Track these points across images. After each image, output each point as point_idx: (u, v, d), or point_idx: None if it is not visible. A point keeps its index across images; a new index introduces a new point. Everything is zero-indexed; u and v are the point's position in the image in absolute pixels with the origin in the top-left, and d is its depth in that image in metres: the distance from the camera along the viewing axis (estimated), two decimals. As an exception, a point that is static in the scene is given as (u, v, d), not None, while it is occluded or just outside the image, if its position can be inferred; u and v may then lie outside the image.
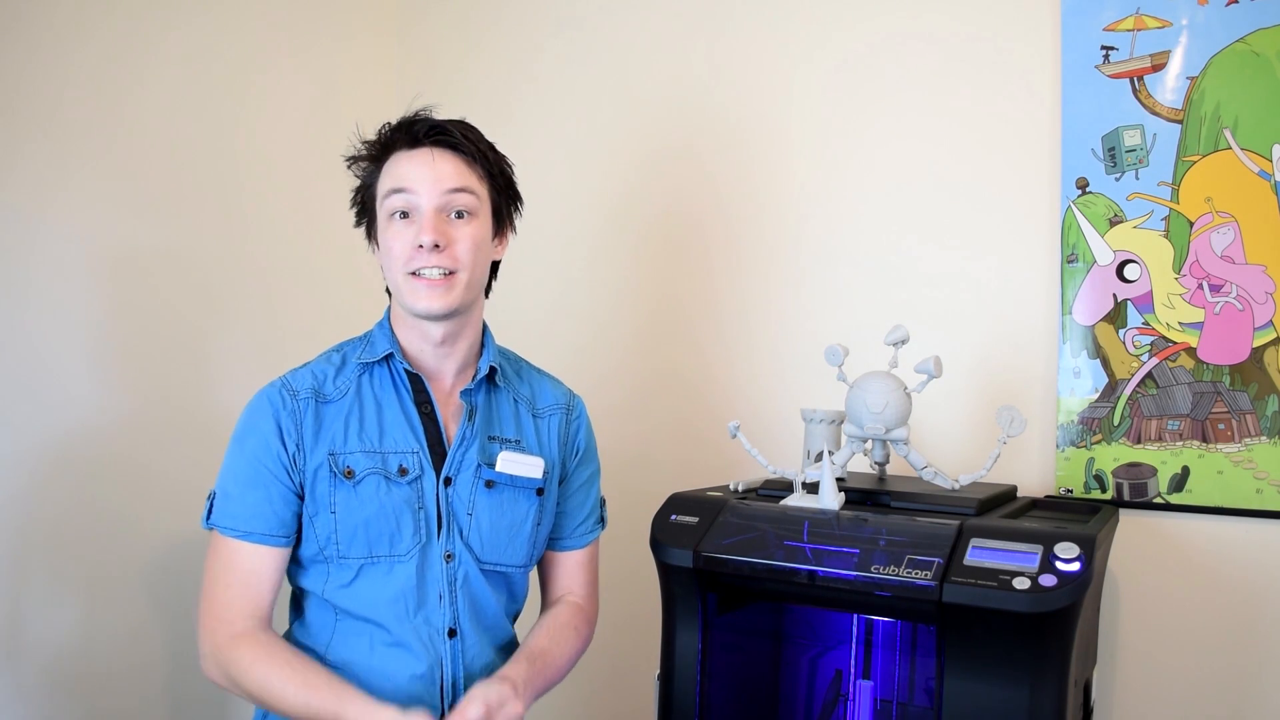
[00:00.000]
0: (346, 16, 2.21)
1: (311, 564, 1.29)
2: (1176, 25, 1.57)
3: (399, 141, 1.31)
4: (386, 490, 1.27)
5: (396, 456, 1.29)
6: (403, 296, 1.29)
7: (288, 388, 1.29)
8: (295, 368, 1.33)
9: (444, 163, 1.29)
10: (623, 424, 2.04)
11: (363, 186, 1.36)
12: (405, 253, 1.27)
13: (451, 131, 1.30)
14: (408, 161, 1.29)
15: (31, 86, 1.63)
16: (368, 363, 1.33)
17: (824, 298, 1.87)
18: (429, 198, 1.27)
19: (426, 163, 1.28)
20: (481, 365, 1.36)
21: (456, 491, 1.31)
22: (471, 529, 1.31)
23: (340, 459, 1.27)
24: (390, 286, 1.32)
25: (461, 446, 1.32)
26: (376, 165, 1.33)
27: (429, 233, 1.25)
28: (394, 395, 1.32)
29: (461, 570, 1.30)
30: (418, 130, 1.30)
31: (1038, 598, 1.14)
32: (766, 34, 1.93)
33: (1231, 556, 1.55)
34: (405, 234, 1.27)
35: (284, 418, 1.27)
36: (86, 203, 1.70)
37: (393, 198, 1.28)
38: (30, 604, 1.61)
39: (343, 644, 1.28)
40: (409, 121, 1.31)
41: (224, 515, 1.26)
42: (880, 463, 1.52)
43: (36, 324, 1.63)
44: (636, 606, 1.91)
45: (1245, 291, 1.54)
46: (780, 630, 1.58)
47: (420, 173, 1.27)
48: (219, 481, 1.29)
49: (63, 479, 1.66)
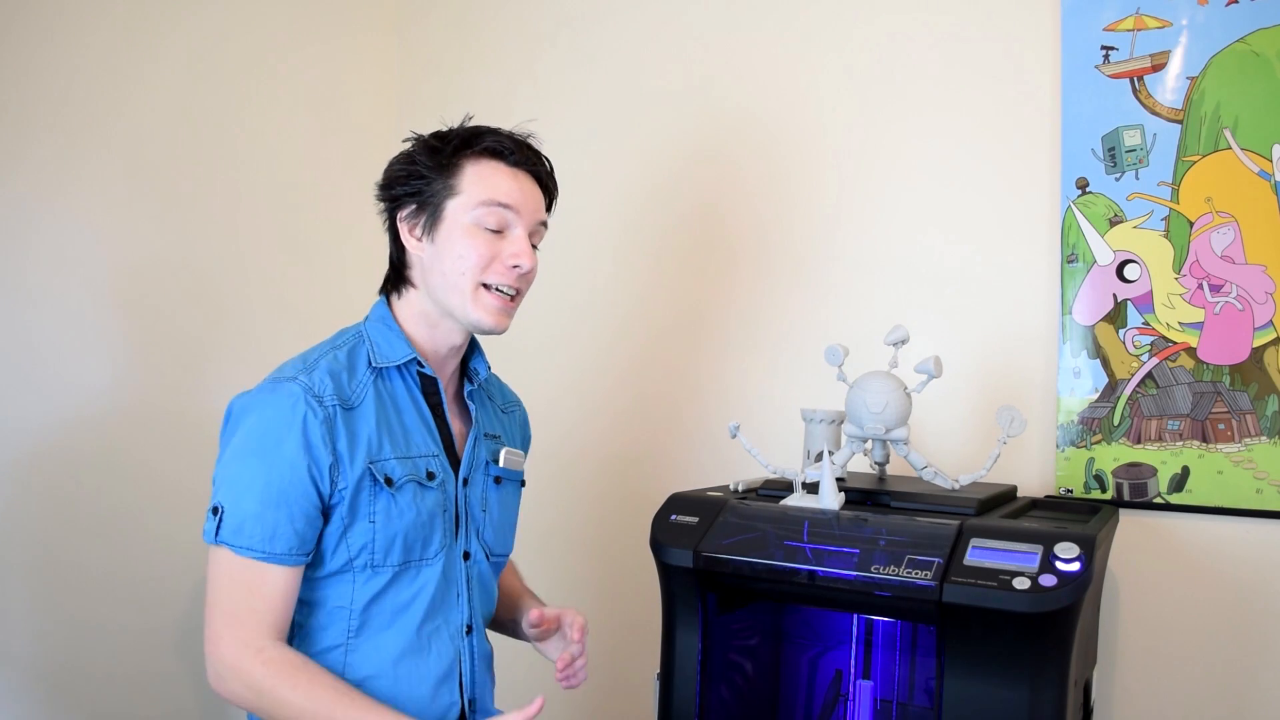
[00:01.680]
0: (347, 17, 2.21)
1: (336, 575, 1.23)
2: (1176, 25, 1.57)
3: (496, 152, 1.29)
4: (421, 496, 1.26)
5: (424, 461, 1.28)
6: (464, 304, 1.27)
7: (312, 394, 1.20)
8: (300, 365, 1.25)
9: (537, 193, 1.32)
10: (623, 424, 2.04)
11: (422, 176, 1.28)
12: (488, 263, 1.27)
13: (546, 165, 1.34)
14: (511, 179, 1.29)
15: (34, 87, 1.63)
16: (380, 367, 1.28)
17: (824, 298, 1.87)
18: (527, 222, 1.30)
19: (531, 187, 1.31)
20: (479, 368, 1.39)
21: (473, 490, 1.34)
22: (486, 524, 1.36)
23: (380, 466, 1.23)
24: (441, 286, 1.27)
25: (474, 446, 1.35)
26: (451, 160, 1.28)
27: (528, 258, 1.28)
28: (409, 398, 1.30)
29: (476, 567, 1.33)
30: (530, 157, 1.31)
31: (1038, 598, 1.14)
32: (766, 36, 1.93)
33: (1231, 556, 1.55)
34: (493, 244, 1.27)
35: (315, 430, 1.18)
36: (89, 201, 1.70)
37: (493, 209, 1.26)
38: (23, 604, 1.61)
39: (362, 657, 1.24)
40: (519, 141, 1.31)
41: (239, 534, 1.17)
42: (880, 463, 1.52)
43: (37, 320, 1.63)
44: (636, 606, 1.91)
45: (1245, 291, 1.54)
46: (780, 630, 1.58)
47: (525, 196, 1.29)
48: (228, 493, 1.18)
49: (61, 475, 1.66)
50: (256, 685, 1.15)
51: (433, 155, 1.29)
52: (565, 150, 2.15)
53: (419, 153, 1.30)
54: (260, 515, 1.17)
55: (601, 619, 1.48)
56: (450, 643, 1.29)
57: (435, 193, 1.28)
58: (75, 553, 1.67)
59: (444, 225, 1.27)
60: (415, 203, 1.29)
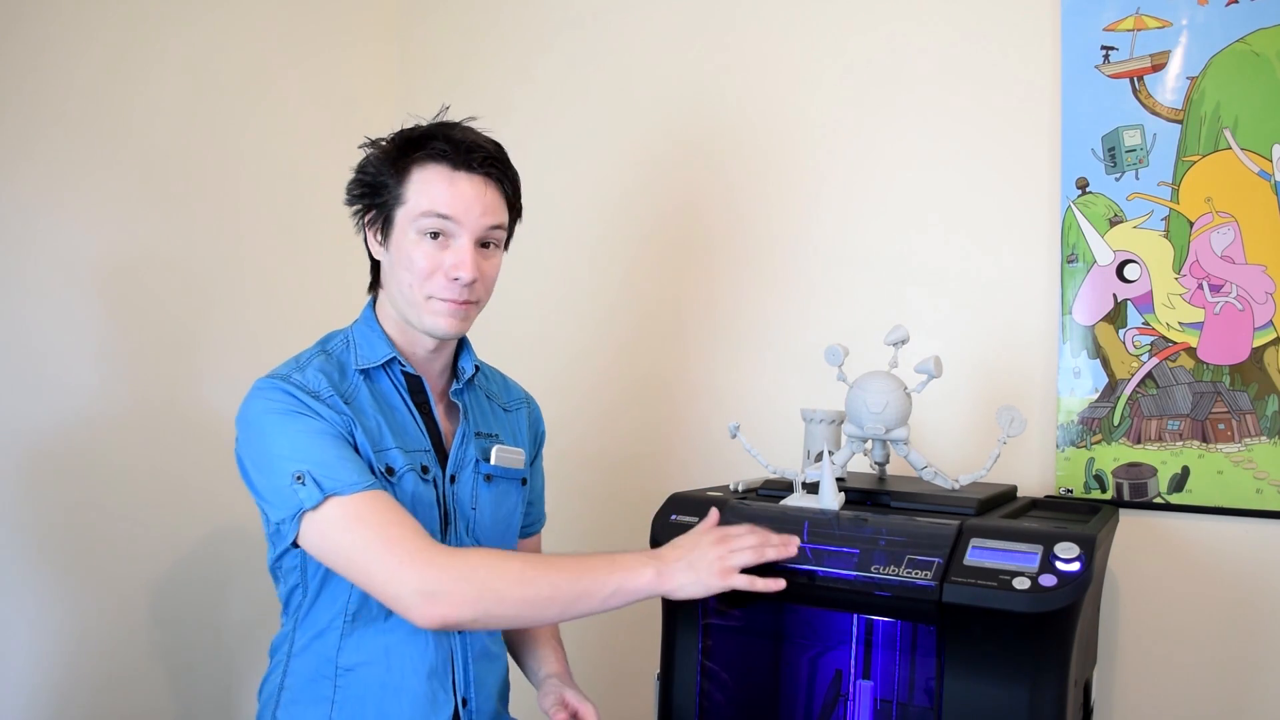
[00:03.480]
0: (347, 19, 2.21)
1: None
2: (1176, 25, 1.57)
3: (439, 156, 1.24)
4: (419, 488, 1.28)
5: (417, 455, 1.29)
6: (417, 313, 1.27)
7: (307, 390, 1.22)
8: (294, 365, 1.27)
9: (488, 195, 1.26)
10: (623, 424, 2.04)
11: (376, 183, 1.27)
12: (430, 274, 1.25)
13: (501, 164, 1.28)
14: (450, 186, 1.24)
15: (35, 90, 1.63)
16: (367, 369, 1.30)
17: (824, 297, 1.87)
18: (471, 231, 1.25)
19: (473, 194, 1.25)
20: (466, 367, 1.38)
21: (460, 487, 1.34)
22: (476, 522, 1.35)
23: (382, 456, 1.25)
24: (398, 293, 1.28)
25: (462, 444, 1.35)
26: (400, 165, 1.26)
27: (468, 269, 1.24)
28: (396, 396, 1.32)
29: None
30: (473, 159, 1.25)
31: (1038, 598, 1.14)
32: (765, 36, 1.93)
33: (1231, 556, 1.55)
34: (435, 255, 1.25)
35: (321, 403, 1.21)
36: (89, 203, 1.70)
37: (431, 220, 1.24)
38: (22, 605, 1.61)
39: (355, 647, 1.26)
40: (459, 142, 1.25)
41: (338, 480, 1.16)
42: (880, 463, 1.52)
43: (36, 321, 1.63)
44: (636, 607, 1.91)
45: (1245, 291, 1.54)
46: (780, 630, 1.57)
47: (465, 203, 1.24)
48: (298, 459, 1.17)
49: (56, 475, 1.65)
50: (467, 572, 1.14)
51: (382, 161, 1.27)
52: (565, 151, 2.16)
53: (375, 158, 1.28)
54: (340, 457, 1.18)
55: (601, 619, 1.48)
56: (443, 640, 1.29)
57: (387, 201, 1.27)
58: (77, 552, 1.67)
59: (395, 233, 1.27)
60: (374, 208, 1.29)
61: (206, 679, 1.87)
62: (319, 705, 1.26)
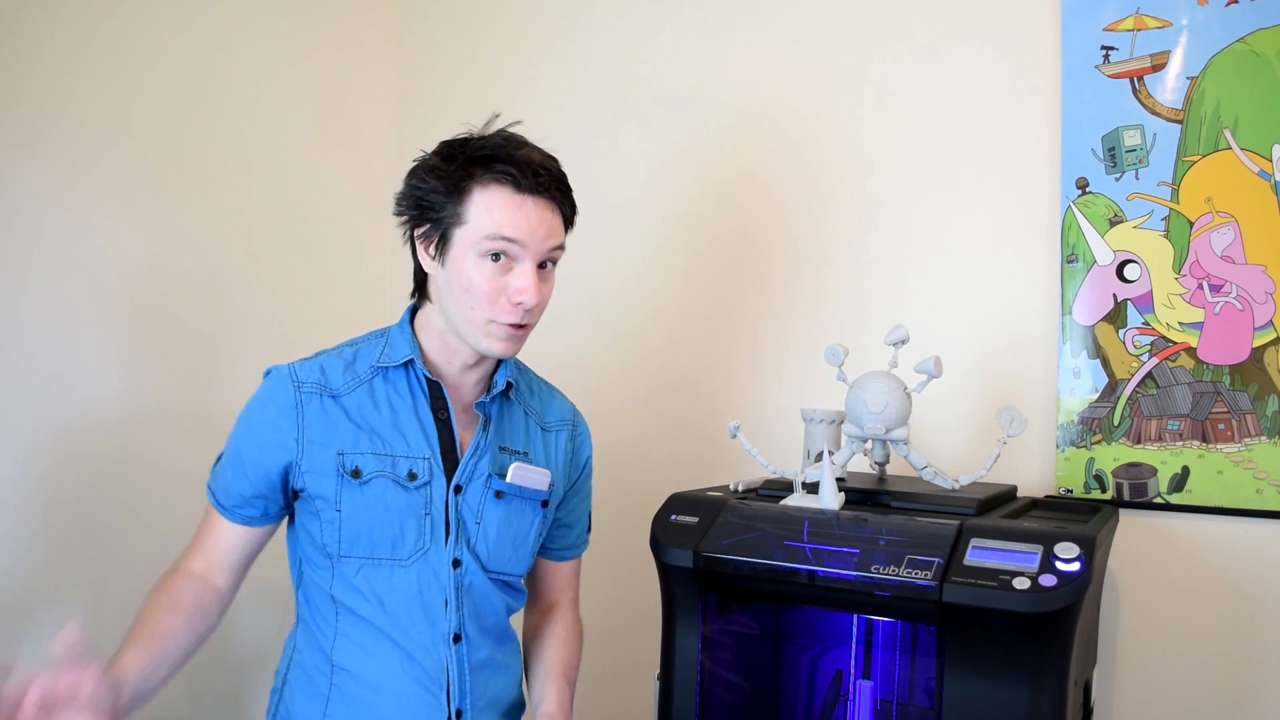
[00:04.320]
0: (346, 20, 2.22)
1: (315, 563, 1.29)
2: (1176, 25, 1.57)
3: (504, 178, 1.22)
4: (394, 494, 1.27)
5: (407, 461, 1.28)
6: (475, 334, 1.26)
7: (294, 377, 1.28)
8: (306, 357, 1.31)
9: (552, 218, 1.25)
10: (623, 424, 2.04)
11: (432, 200, 1.24)
12: (493, 298, 1.23)
13: (564, 186, 1.28)
14: (517, 210, 1.22)
15: (39, 92, 1.64)
16: (384, 366, 1.30)
17: (824, 298, 1.87)
18: (534, 254, 1.23)
19: (538, 218, 1.23)
20: (499, 379, 1.35)
21: (466, 500, 1.31)
22: (479, 537, 1.31)
23: (349, 459, 1.26)
24: (454, 312, 1.26)
25: (475, 456, 1.32)
26: (462, 184, 1.23)
27: (532, 294, 1.22)
28: (409, 400, 1.30)
29: (468, 577, 1.30)
30: (539, 183, 1.23)
31: (1038, 598, 1.14)
32: (765, 39, 1.93)
33: (1231, 556, 1.55)
34: (496, 279, 1.23)
35: (284, 409, 1.27)
36: (93, 203, 1.71)
37: (496, 243, 1.22)
38: (38, 599, 1.61)
39: (345, 646, 1.27)
40: (525, 164, 1.22)
41: (213, 478, 1.32)
42: (880, 463, 1.52)
43: (43, 321, 1.64)
44: (636, 606, 1.91)
45: (1245, 291, 1.54)
46: (780, 630, 1.58)
47: (530, 227, 1.22)
48: (226, 452, 1.32)
49: (70, 475, 1.66)
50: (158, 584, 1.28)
51: (441, 178, 1.24)
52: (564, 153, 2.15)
53: (428, 174, 1.25)
54: (224, 469, 1.30)
55: (602, 619, 1.48)
56: (435, 649, 1.28)
57: (444, 218, 1.24)
58: (88, 548, 1.67)
59: (453, 252, 1.24)
60: (428, 223, 1.26)
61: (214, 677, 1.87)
62: (316, 701, 1.27)
